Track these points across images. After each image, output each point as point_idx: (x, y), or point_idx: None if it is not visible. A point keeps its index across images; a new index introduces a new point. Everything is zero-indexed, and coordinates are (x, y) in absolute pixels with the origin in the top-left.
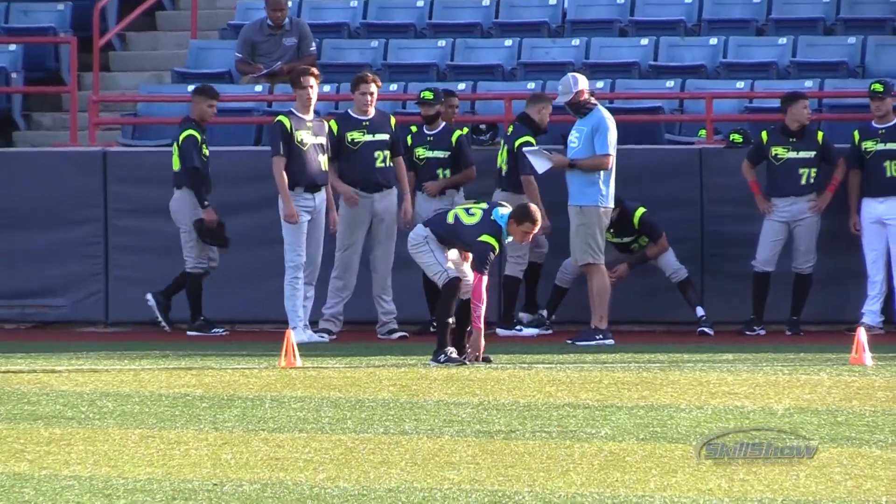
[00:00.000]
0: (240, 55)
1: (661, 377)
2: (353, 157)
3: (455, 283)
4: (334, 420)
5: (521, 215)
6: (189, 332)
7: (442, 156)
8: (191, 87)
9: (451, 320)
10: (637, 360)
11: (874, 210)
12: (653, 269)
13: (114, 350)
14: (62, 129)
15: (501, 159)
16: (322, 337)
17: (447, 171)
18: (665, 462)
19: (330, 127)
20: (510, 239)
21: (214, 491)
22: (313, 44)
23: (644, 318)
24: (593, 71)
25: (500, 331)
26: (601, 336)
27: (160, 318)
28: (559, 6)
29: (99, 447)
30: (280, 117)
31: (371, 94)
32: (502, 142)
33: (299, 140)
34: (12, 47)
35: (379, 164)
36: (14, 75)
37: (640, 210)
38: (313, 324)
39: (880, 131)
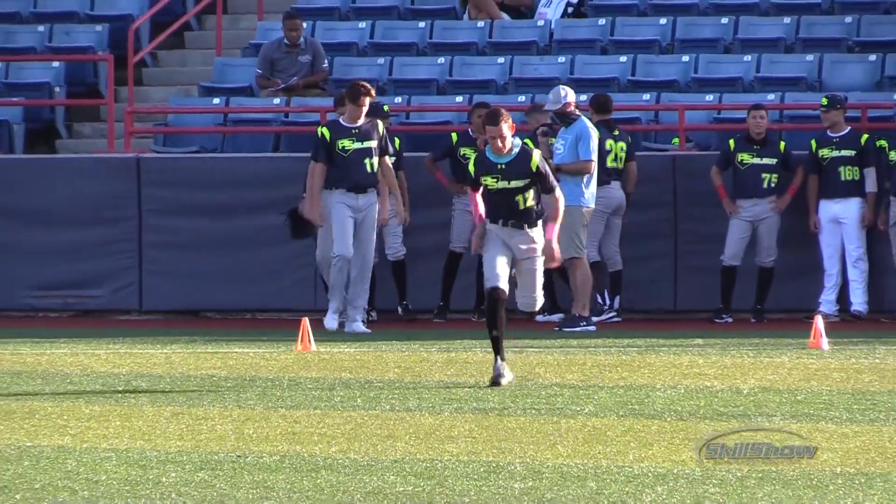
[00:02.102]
0: (260, 71)
1: (638, 360)
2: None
3: (495, 293)
4: (345, 398)
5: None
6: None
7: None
8: (216, 100)
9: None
10: (617, 344)
11: (830, 210)
12: (633, 263)
13: (147, 336)
14: (100, 138)
15: None
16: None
17: None
18: (642, 436)
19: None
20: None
21: (238, 462)
22: (326, 61)
23: (625, 306)
24: (577, 85)
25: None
26: (584, 323)
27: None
28: (546, 27)
29: (134, 423)
30: (320, 128)
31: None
32: None
33: (341, 147)
34: (55, 64)
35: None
36: (57, 89)
37: None
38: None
39: (835, 140)
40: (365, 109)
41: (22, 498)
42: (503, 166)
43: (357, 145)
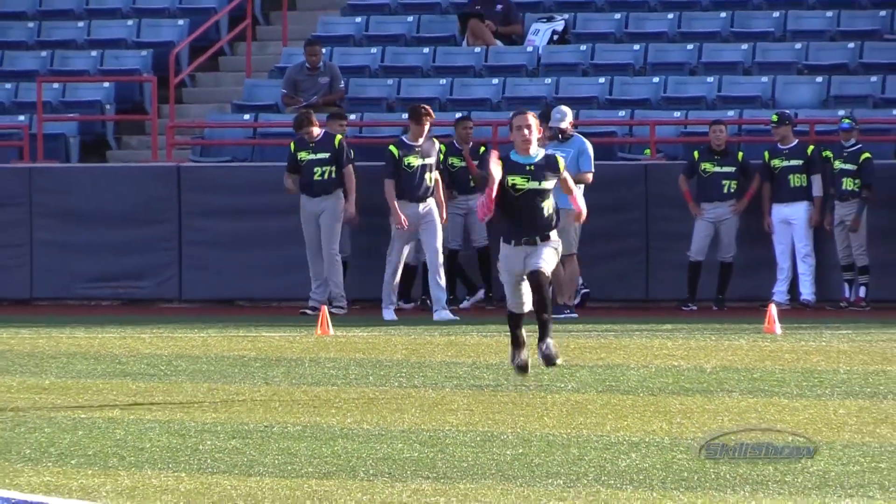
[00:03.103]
0: (284, 91)
1: (614, 343)
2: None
3: (511, 313)
4: (359, 376)
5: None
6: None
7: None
8: (247, 116)
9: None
10: (596, 329)
11: (781, 213)
12: (611, 258)
13: (186, 322)
14: (145, 149)
15: None
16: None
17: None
18: (618, 409)
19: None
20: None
21: (265, 431)
22: (342, 82)
23: (601, 295)
24: (561, 103)
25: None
26: (568, 311)
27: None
28: (535, 52)
29: (174, 397)
30: (390, 146)
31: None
32: None
33: (407, 163)
34: (106, 84)
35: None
36: (108, 106)
37: None
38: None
39: (784, 151)
40: (426, 129)
41: (77, 463)
42: (532, 167)
43: (420, 161)
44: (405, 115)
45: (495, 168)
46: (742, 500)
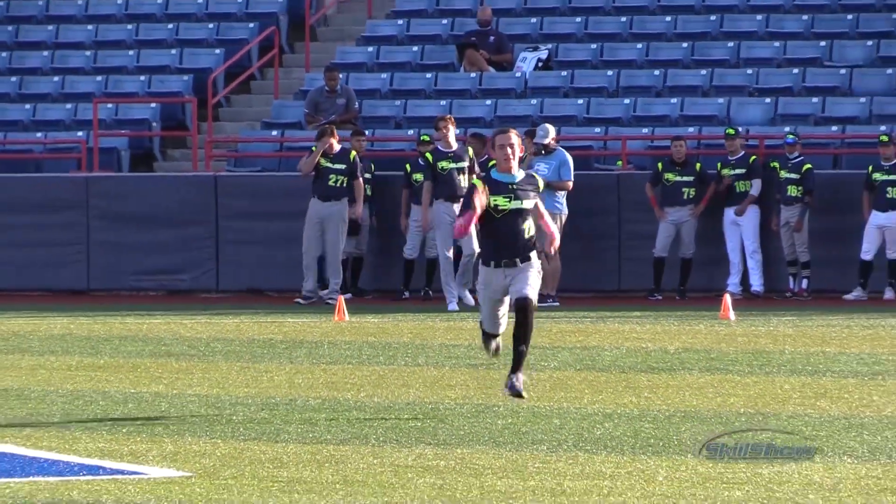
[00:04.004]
0: (307, 110)
1: (591, 327)
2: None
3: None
4: (371, 356)
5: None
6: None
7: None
8: (274, 132)
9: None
10: (575, 315)
11: (731, 215)
12: (588, 255)
13: (221, 309)
14: (186, 161)
15: None
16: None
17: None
18: (594, 385)
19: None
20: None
21: (290, 404)
22: (357, 102)
23: (579, 287)
24: (545, 121)
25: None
26: (551, 300)
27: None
28: (522, 77)
29: (212, 374)
30: (426, 153)
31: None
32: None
33: (441, 167)
34: (153, 105)
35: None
36: (154, 124)
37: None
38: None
39: (733, 162)
40: (449, 134)
41: (127, 431)
42: (514, 186)
43: (453, 165)
44: (411, 131)
45: (479, 200)
46: (699, 463)
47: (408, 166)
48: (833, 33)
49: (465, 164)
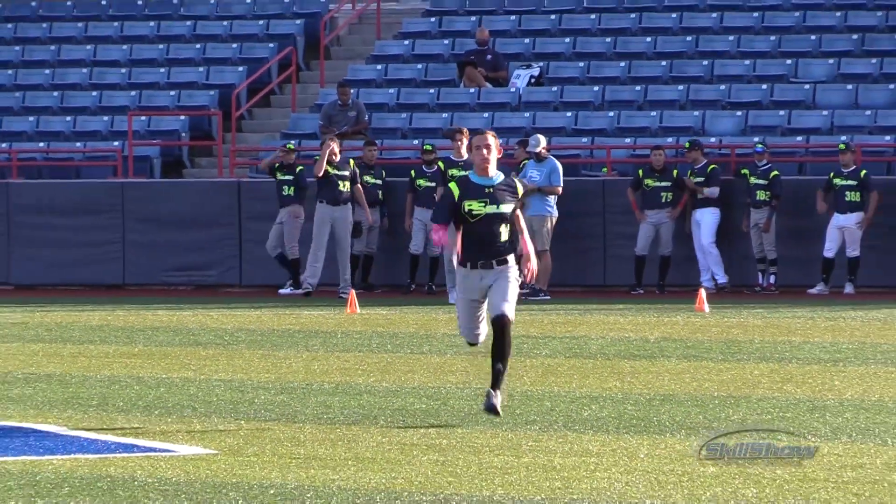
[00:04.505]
0: (321, 122)
1: (579, 319)
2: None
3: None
4: (379, 344)
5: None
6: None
7: (434, 184)
8: (291, 144)
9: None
10: (564, 308)
11: (695, 217)
12: (577, 253)
13: (244, 302)
14: (212, 168)
15: None
16: None
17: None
18: (582, 371)
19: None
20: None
21: (306, 388)
22: (366, 115)
23: (568, 282)
24: (538, 132)
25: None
26: (543, 294)
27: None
28: (517, 92)
29: (235, 361)
30: (439, 162)
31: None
32: None
33: (451, 174)
34: (182, 117)
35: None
36: (183, 134)
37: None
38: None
39: (695, 170)
40: (461, 145)
41: (159, 413)
42: (491, 189)
43: (462, 173)
44: (416, 141)
45: (452, 241)
46: (678, 442)
47: (412, 172)
48: (798, 52)
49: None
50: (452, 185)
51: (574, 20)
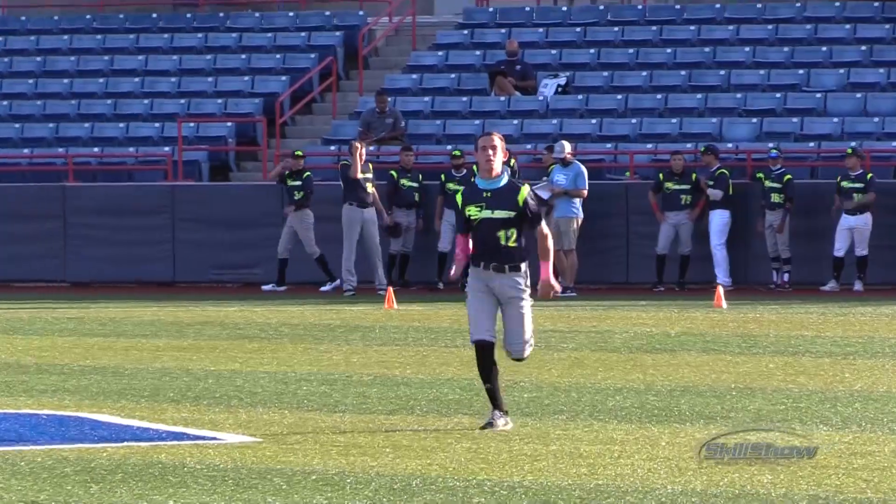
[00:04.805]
0: (360, 129)
1: (604, 314)
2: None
3: (480, 346)
4: (415, 339)
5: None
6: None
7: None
8: (333, 147)
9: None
10: (590, 304)
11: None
12: (602, 252)
13: (287, 299)
14: (257, 172)
15: None
16: None
17: None
18: (607, 363)
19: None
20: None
21: (346, 379)
22: (402, 122)
23: (593, 279)
24: (564, 138)
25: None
26: (570, 290)
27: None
28: (545, 101)
29: (279, 354)
30: (473, 166)
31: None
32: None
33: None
34: (228, 124)
35: None
36: (230, 140)
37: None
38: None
39: (709, 173)
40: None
41: (207, 403)
42: (489, 193)
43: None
44: (449, 146)
45: (457, 268)
46: (697, 431)
47: (443, 176)
48: (810, 63)
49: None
50: (458, 196)
51: (598, 32)
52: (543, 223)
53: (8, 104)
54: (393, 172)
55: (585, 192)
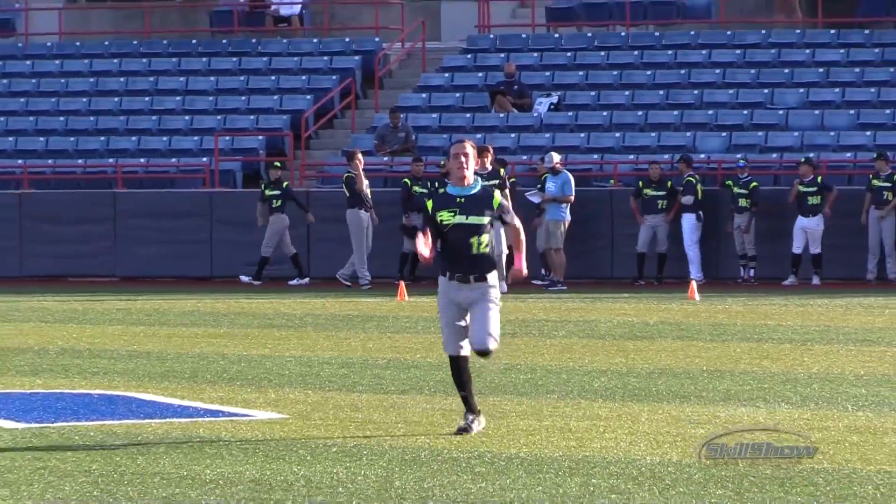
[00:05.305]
0: (376, 141)
1: (591, 305)
2: None
3: (455, 360)
4: (426, 327)
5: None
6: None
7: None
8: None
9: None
10: (578, 297)
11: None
12: (590, 250)
13: (312, 292)
14: (285, 180)
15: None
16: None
17: None
18: (593, 349)
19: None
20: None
21: (363, 363)
22: (413, 136)
23: (581, 275)
24: (555, 151)
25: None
26: (560, 284)
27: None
28: (539, 117)
29: (304, 342)
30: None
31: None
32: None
33: None
34: (259, 137)
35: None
36: (261, 152)
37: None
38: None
39: (681, 181)
40: (487, 161)
41: (240, 384)
42: (462, 199)
43: (487, 182)
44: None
45: (423, 248)
46: (673, 409)
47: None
48: (773, 83)
49: (497, 181)
50: (429, 202)
51: (586, 57)
52: (516, 218)
53: (64, 120)
54: (407, 181)
55: (572, 198)
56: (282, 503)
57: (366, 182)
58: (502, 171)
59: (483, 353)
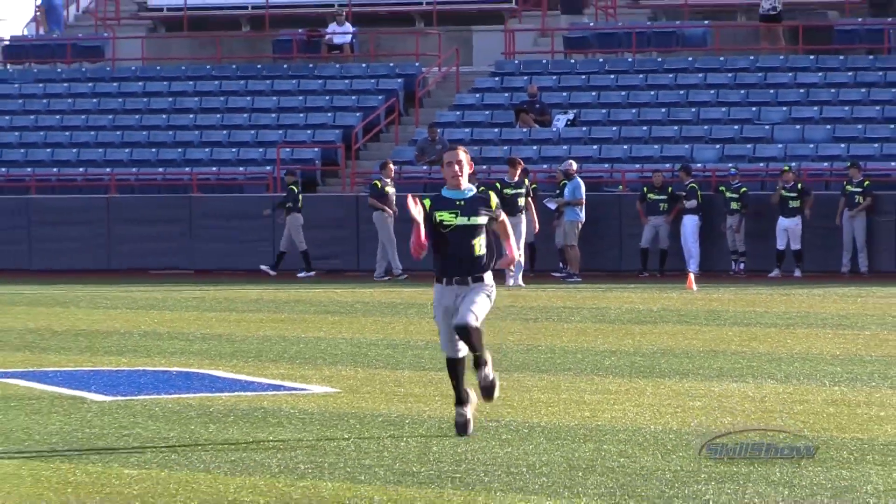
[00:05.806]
0: (416, 153)
1: (602, 295)
2: None
3: (452, 363)
4: None
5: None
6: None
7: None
8: (395, 167)
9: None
10: (591, 287)
11: (681, 222)
12: (601, 246)
13: (362, 282)
14: (338, 186)
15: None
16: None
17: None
18: (604, 332)
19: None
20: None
21: (405, 344)
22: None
23: (594, 268)
24: (572, 160)
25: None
26: (576, 277)
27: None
28: (558, 131)
29: (354, 325)
30: (496, 183)
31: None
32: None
33: (506, 193)
34: (315, 149)
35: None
36: (317, 161)
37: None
38: None
39: (683, 186)
40: (515, 171)
41: (299, 362)
42: (462, 202)
43: (514, 191)
44: (485, 166)
45: (415, 211)
46: (674, 384)
47: (497, 185)
48: (761, 102)
49: (523, 190)
50: (426, 200)
51: (598, 79)
52: (503, 213)
53: (147, 134)
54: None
55: (583, 201)
56: (335, 466)
57: (391, 189)
58: (526, 181)
59: (462, 328)
